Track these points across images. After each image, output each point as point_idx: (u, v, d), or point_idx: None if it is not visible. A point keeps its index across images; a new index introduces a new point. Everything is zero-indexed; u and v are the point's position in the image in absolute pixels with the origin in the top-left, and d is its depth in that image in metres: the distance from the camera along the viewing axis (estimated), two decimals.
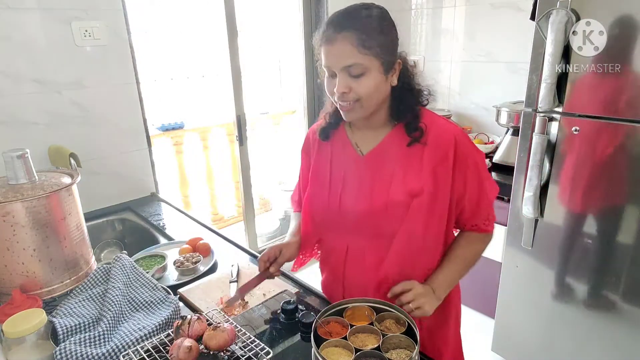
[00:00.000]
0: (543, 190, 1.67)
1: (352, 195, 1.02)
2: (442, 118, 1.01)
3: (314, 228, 1.11)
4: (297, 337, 0.97)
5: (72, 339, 0.87)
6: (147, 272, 1.17)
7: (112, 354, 0.85)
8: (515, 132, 2.01)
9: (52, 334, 0.91)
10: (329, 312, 0.87)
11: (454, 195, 0.98)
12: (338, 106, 0.96)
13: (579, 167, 1.57)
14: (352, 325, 0.83)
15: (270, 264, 1.06)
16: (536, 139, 1.61)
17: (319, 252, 1.20)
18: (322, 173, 1.07)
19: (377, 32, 0.88)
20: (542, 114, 1.60)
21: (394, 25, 0.93)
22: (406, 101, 0.97)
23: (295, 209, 1.25)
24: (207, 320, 0.89)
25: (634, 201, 1.46)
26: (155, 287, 1.07)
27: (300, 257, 1.19)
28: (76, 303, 1.01)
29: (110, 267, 1.11)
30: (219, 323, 0.87)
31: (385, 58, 0.89)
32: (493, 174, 2.17)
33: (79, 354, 0.83)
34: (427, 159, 0.95)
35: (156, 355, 0.84)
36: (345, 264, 1.06)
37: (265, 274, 1.06)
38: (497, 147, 2.30)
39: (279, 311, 1.03)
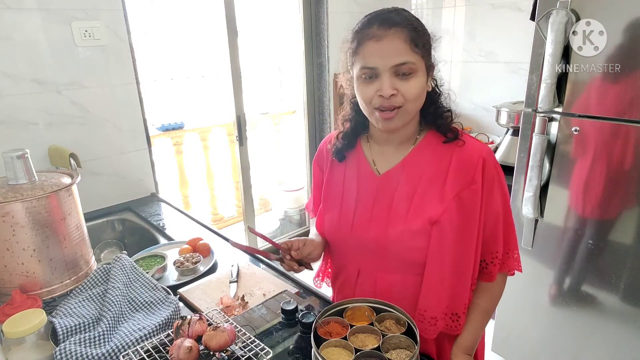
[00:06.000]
0: (543, 190, 1.67)
1: (365, 220, 0.95)
2: (470, 136, 0.94)
3: (327, 246, 1.07)
4: (297, 337, 0.97)
5: (72, 339, 0.87)
6: (147, 272, 1.17)
7: (112, 354, 0.85)
8: (515, 133, 2.01)
9: (52, 334, 0.91)
10: (329, 312, 0.87)
11: (480, 223, 0.89)
12: (376, 115, 0.86)
13: (579, 167, 1.57)
14: (352, 325, 0.83)
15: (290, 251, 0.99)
16: (536, 139, 1.61)
17: (329, 269, 1.15)
18: (334, 192, 1.01)
19: (424, 32, 0.84)
20: (542, 114, 1.60)
21: None
22: (439, 104, 0.92)
23: (312, 216, 1.19)
24: (207, 321, 0.89)
25: (635, 201, 1.46)
26: (155, 287, 1.07)
27: (321, 272, 1.15)
28: (76, 303, 1.01)
29: (110, 267, 1.11)
30: (219, 323, 0.87)
31: (428, 60, 0.86)
32: None
33: (78, 354, 0.83)
34: (450, 183, 0.88)
35: (156, 356, 0.84)
36: (356, 287, 1.01)
37: (272, 255, 1.01)
38: (497, 148, 2.30)
39: (278, 311, 1.03)
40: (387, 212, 0.93)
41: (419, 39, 0.82)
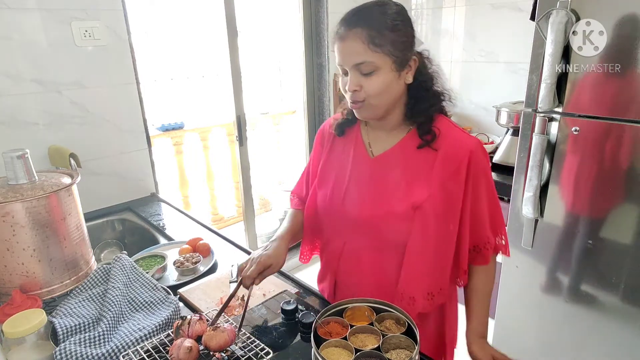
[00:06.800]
0: (543, 190, 1.67)
1: (354, 197, 1.00)
2: (460, 129, 0.97)
3: (317, 220, 1.10)
4: (297, 337, 0.97)
5: (72, 339, 0.87)
6: (147, 272, 1.17)
7: (112, 354, 0.85)
8: (515, 132, 2.01)
9: (52, 334, 0.91)
10: (328, 313, 0.87)
11: (465, 212, 0.94)
12: (350, 105, 0.94)
13: (579, 167, 1.57)
14: (352, 326, 0.83)
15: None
16: (536, 139, 1.61)
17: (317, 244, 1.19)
18: (330, 168, 1.07)
19: (389, 29, 0.86)
20: (542, 114, 1.60)
21: (410, 22, 0.91)
22: (422, 102, 0.94)
23: (292, 206, 1.22)
24: (207, 321, 0.89)
25: (634, 201, 1.46)
26: (155, 288, 1.07)
27: (306, 250, 1.18)
28: (76, 303, 1.01)
29: (110, 267, 1.11)
30: (219, 323, 0.87)
31: (397, 55, 0.87)
32: (493, 174, 2.17)
33: (78, 354, 0.83)
34: (436, 172, 0.92)
35: (156, 356, 0.84)
36: (340, 259, 1.06)
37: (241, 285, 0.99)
38: (497, 148, 2.30)
39: (278, 311, 1.03)
40: (375, 193, 0.98)
41: (380, 37, 0.85)
